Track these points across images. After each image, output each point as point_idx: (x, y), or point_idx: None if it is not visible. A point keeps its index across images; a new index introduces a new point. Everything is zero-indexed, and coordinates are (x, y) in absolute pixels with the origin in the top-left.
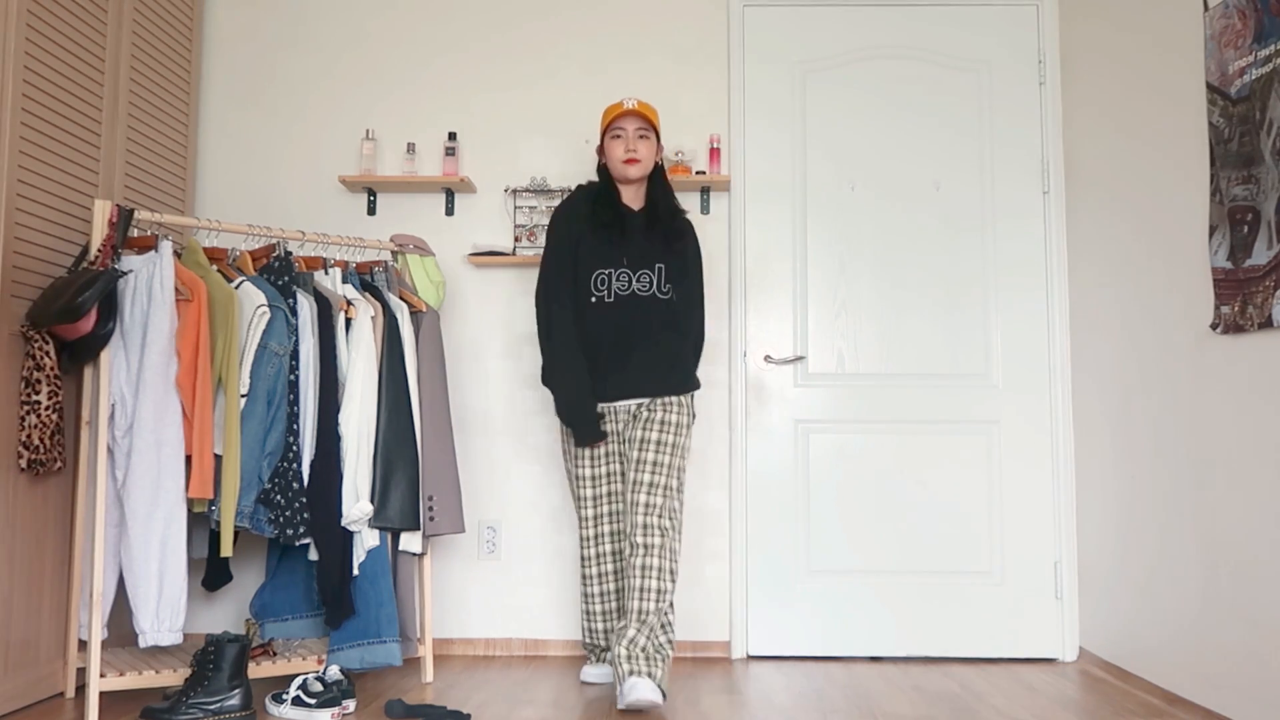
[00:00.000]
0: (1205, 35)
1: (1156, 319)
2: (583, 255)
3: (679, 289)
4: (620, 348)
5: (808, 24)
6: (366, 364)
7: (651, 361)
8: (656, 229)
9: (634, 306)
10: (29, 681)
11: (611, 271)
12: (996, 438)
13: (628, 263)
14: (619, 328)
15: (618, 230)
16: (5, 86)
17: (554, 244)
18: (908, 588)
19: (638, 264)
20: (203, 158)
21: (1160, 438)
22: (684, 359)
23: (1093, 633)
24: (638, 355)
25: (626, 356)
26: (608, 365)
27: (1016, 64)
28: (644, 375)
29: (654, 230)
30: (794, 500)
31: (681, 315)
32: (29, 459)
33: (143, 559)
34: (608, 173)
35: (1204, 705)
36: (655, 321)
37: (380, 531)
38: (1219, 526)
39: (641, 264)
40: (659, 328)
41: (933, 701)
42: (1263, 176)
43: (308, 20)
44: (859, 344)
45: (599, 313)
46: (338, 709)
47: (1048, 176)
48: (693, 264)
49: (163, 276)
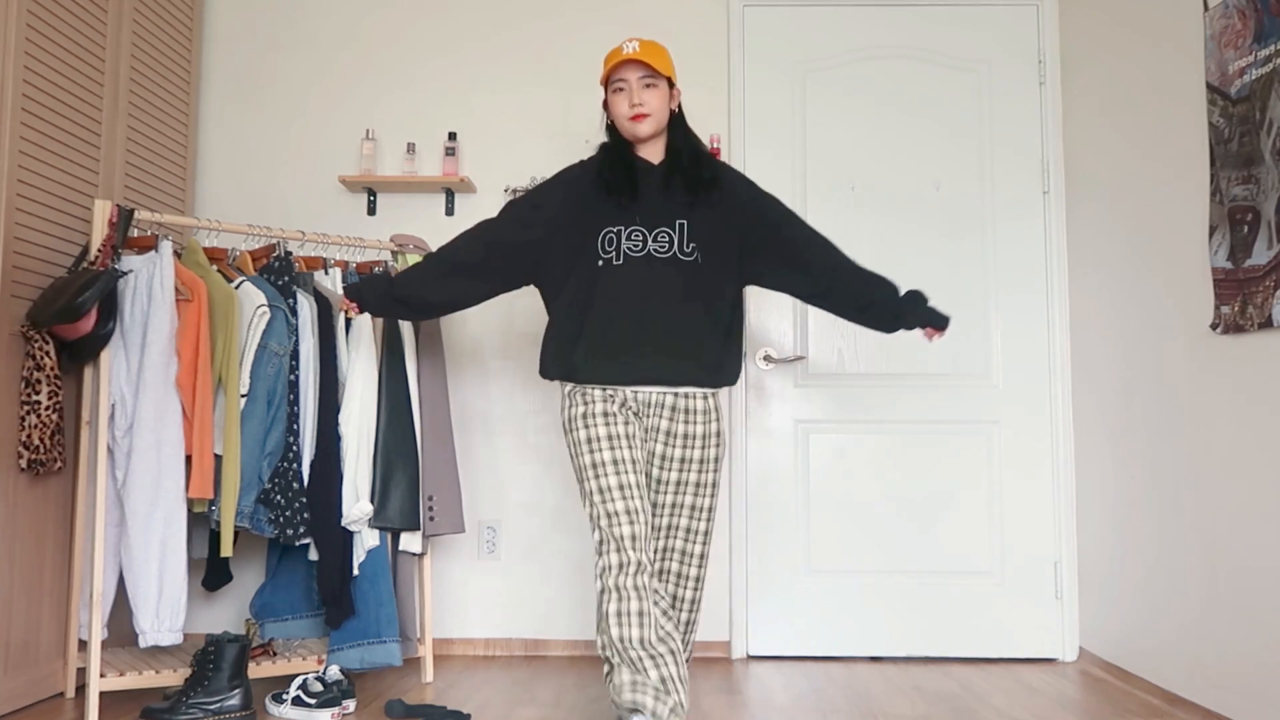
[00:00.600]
0: (1205, 35)
1: (1156, 319)
2: (587, 217)
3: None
4: (635, 321)
5: (808, 24)
6: (367, 364)
7: (673, 339)
8: (677, 179)
9: (649, 271)
10: (29, 681)
11: (621, 229)
12: (996, 438)
13: (641, 220)
14: (632, 295)
15: (628, 185)
16: (5, 86)
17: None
18: (908, 588)
19: (653, 221)
20: (203, 158)
21: (1160, 438)
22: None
23: (1093, 633)
24: (656, 330)
25: (643, 331)
26: (622, 341)
27: (1016, 64)
28: (665, 356)
29: (674, 182)
30: (794, 500)
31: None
32: (29, 459)
33: (143, 559)
34: (616, 131)
35: (1204, 705)
36: (676, 289)
37: (380, 531)
38: (1219, 526)
39: (658, 221)
40: (681, 297)
41: (933, 701)
42: (1263, 176)
43: (308, 20)
44: (859, 344)
45: (607, 278)
46: (338, 709)
47: (1048, 176)
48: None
49: (163, 276)
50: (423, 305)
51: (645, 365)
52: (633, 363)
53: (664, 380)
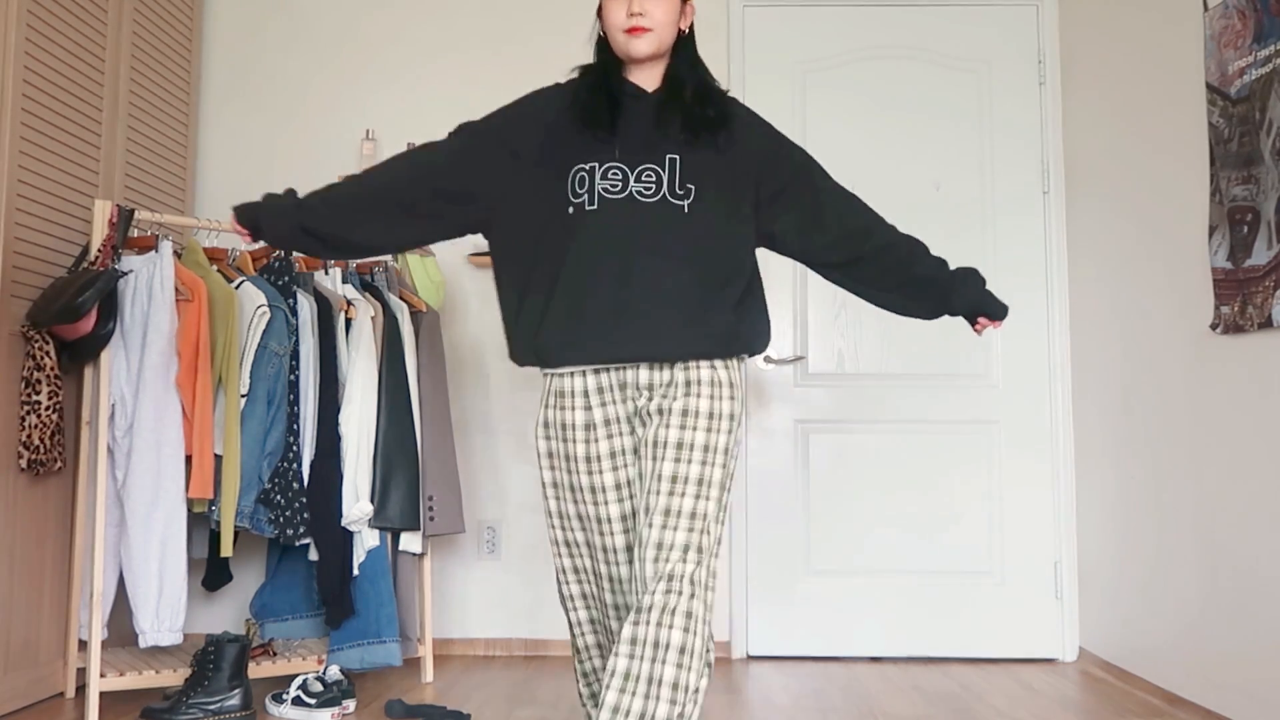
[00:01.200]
0: (1205, 35)
1: (1156, 319)
2: (555, 153)
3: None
4: (613, 278)
5: (808, 24)
6: (367, 364)
7: (662, 300)
8: (673, 113)
9: (632, 217)
10: (29, 681)
11: (595, 166)
12: (996, 438)
13: (621, 154)
14: (610, 248)
15: (606, 114)
16: (5, 86)
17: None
18: (908, 588)
19: (636, 156)
20: (203, 158)
21: (1160, 438)
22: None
23: (1093, 633)
24: (639, 289)
25: (624, 290)
26: (599, 305)
27: (1016, 64)
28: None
29: (669, 116)
30: (794, 500)
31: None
32: (29, 459)
33: (143, 559)
34: (607, 48)
35: (1204, 705)
36: (665, 240)
37: (380, 531)
38: (1219, 526)
39: (642, 156)
40: (674, 248)
41: (933, 701)
42: (1262, 176)
43: (308, 20)
44: (859, 344)
45: (578, 225)
46: (338, 709)
47: (1048, 176)
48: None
49: (163, 276)
50: (341, 244)
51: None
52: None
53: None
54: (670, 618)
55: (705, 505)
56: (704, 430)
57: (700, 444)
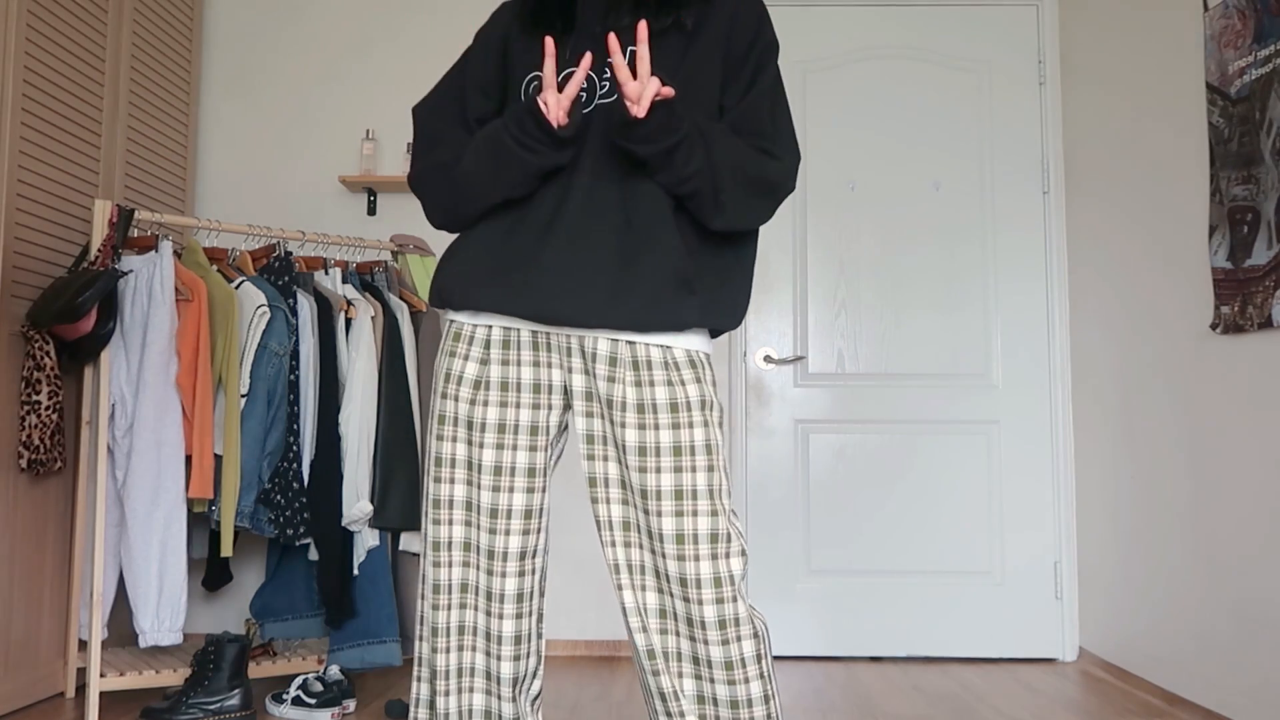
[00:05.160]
0: (1205, 35)
1: (1156, 319)
2: (510, 66)
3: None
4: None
5: (808, 24)
6: (367, 364)
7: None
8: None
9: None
10: (29, 681)
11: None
12: (996, 438)
13: (571, 55)
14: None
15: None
16: (5, 86)
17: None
18: (908, 588)
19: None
20: (203, 158)
21: (1160, 438)
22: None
23: (1093, 633)
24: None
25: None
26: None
27: (1016, 64)
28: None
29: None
30: (794, 500)
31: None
32: (29, 459)
33: (143, 559)
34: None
35: (1204, 705)
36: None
37: (380, 531)
38: (1219, 526)
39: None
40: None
41: (933, 701)
42: (1262, 176)
43: (308, 20)
44: (859, 344)
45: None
46: (338, 709)
47: (1047, 176)
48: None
49: (163, 276)
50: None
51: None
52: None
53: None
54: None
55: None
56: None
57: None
